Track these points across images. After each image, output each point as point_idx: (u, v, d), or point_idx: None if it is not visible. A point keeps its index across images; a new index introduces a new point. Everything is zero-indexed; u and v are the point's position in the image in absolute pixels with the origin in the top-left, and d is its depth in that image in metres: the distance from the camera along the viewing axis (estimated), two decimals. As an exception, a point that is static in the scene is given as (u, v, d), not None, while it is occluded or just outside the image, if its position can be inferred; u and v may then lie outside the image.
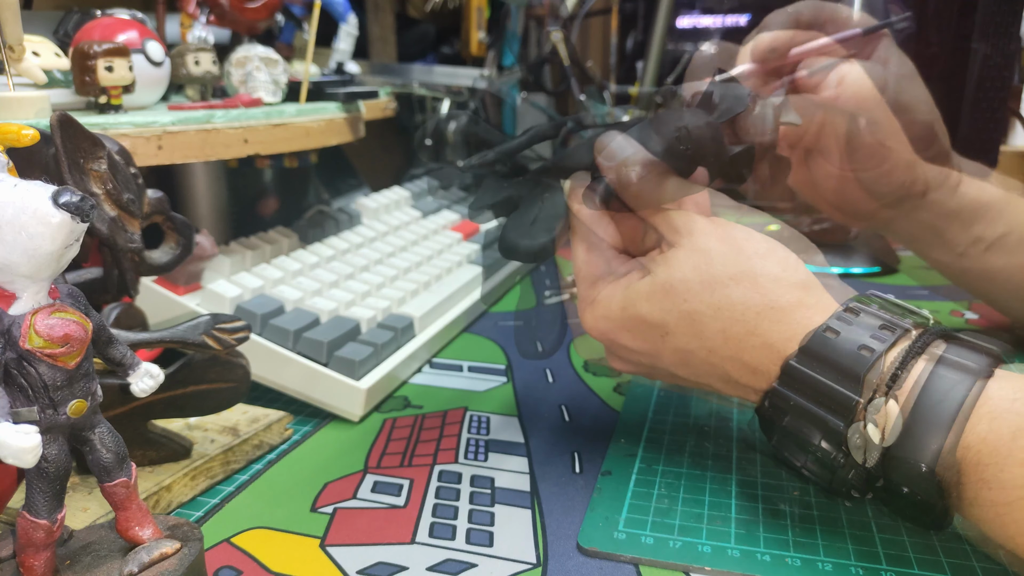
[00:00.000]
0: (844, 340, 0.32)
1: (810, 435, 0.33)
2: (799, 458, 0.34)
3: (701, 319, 0.36)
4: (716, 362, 0.36)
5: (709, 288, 0.36)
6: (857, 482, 0.32)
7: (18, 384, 0.25)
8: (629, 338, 0.38)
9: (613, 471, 0.40)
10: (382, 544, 0.35)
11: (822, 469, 0.33)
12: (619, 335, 0.39)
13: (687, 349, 0.37)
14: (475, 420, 0.47)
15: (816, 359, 0.32)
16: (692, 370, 0.38)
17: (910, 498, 0.30)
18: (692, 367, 0.37)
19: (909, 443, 0.30)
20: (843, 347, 0.32)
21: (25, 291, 0.25)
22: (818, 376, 0.32)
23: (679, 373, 0.38)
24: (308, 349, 0.48)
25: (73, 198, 0.24)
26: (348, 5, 0.71)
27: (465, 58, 1.13)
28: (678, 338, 0.37)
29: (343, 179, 0.85)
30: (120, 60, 0.46)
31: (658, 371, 0.39)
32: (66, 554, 0.29)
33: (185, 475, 0.39)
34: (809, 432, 0.33)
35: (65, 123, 0.34)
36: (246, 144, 0.52)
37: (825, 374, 0.32)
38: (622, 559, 0.34)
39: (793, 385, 0.33)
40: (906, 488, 0.30)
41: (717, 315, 0.35)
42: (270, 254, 0.59)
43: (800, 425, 0.33)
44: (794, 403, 0.33)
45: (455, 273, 0.67)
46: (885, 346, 0.32)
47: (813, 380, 0.32)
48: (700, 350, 0.36)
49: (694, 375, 0.38)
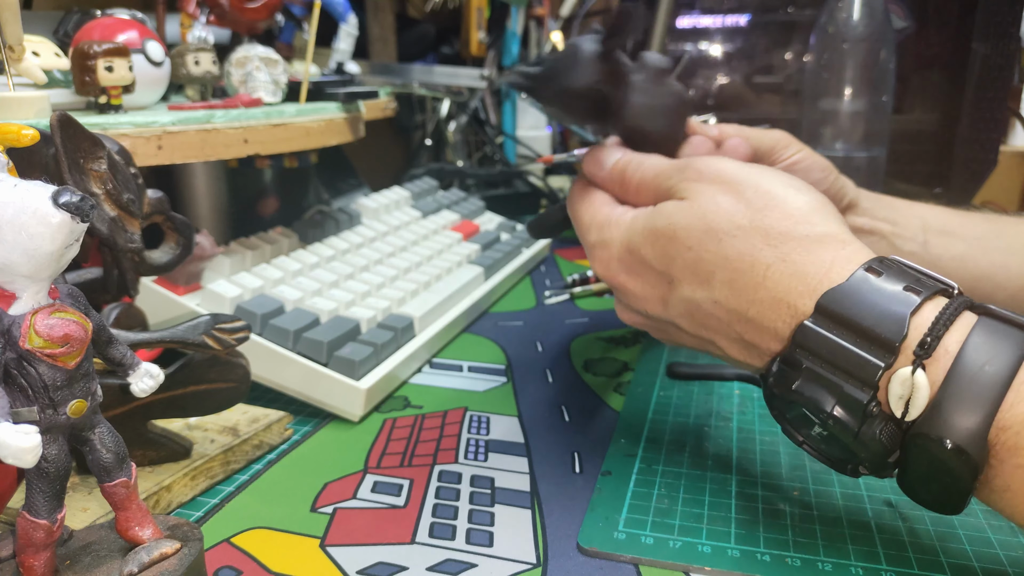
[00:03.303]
0: (865, 300, 0.30)
1: (823, 402, 0.30)
2: (804, 431, 0.32)
3: (707, 267, 0.34)
4: (722, 316, 0.34)
5: (715, 237, 0.33)
6: (870, 454, 0.30)
7: (18, 384, 0.25)
8: (637, 284, 0.37)
9: (613, 471, 0.40)
10: (382, 544, 0.35)
11: (829, 442, 0.31)
12: (626, 280, 0.37)
13: (693, 299, 0.35)
14: (475, 420, 0.47)
15: (834, 320, 0.30)
16: (699, 324, 0.35)
17: (926, 476, 0.28)
18: (698, 320, 0.35)
19: (936, 418, 0.27)
20: (865, 308, 0.29)
21: (25, 291, 0.25)
22: (836, 339, 0.30)
23: (685, 327, 0.36)
24: (308, 349, 0.48)
25: (73, 198, 0.24)
26: (348, 5, 0.71)
27: (465, 58, 1.13)
28: (684, 287, 0.35)
29: (343, 179, 0.85)
30: (120, 60, 0.46)
31: (665, 325, 0.38)
32: (66, 554, 0.29)
33: (185, 475, 0.39)
34: (822, 399, 0.30)
35: (65, 123, 0.34)
36: (246, 144, 0.52)
37: (844, 336, 0.30)
38: (622, 559, 0.34)
39: (807, 347, 0.30)
40: (926, 467, 0.28)
41: (724, 265, 0.33)
42: (270, 254, 0.59)
43: (813, 391, 0.30)
44: (807, 367, 0.30)
45: (455, 273, 0.67)
46: (911, 309, 0.29)
47: (831, 343, 0.30)
48: (706, 301, 0.34)
49: (701, 330, 0.36)
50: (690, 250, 0.34)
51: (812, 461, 0.41)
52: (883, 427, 0.29)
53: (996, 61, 0.73)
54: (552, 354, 0.58)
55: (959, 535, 0.35)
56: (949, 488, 0.28)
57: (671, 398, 0.49)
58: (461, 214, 0.81)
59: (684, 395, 0.50)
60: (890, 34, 0.66)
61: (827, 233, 0.33)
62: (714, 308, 0.34)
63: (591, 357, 0.57)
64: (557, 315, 0.66)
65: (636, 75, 0.40)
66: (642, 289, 0.37)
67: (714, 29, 0.83)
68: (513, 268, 0.74)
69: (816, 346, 0.30)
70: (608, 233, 0.38)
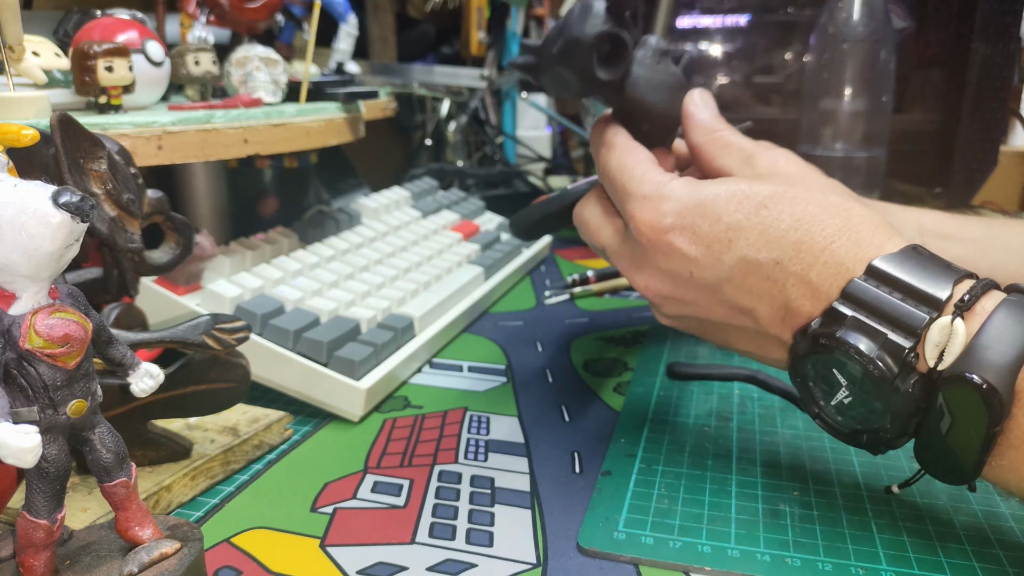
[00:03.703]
0: (914, 266, 0.32)
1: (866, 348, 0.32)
2: (825, 399, 0.35)
3: (779, 227, 0.35)
4: (779, 278, 0.35)
5: (793, 202, 0.35)
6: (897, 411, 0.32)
7: (18, 384, 0.25)
8: (691, 240, 0.37)
9: (613, 471, 0.40)
10: (382, 544, 0.35)
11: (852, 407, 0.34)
12: (677, 235, 0.37)
13: (753, 259, 0.35)
14: (475, 420, 0.47)
15: (883, 279, 0.32)
16: (746, 289, 0.36)
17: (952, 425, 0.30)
18: (748, 284, 0.36)
19: (969, 359, 0.30)
20: (914, 271, 0.32)
21: (25, 291, 0.25)
22: (885, 293, 0.32)
23: (727, 293, 0.36)
24: (308, 349, 0.48)
25: (73, 198, 0.24)
26: (348, 5, 0.71)
27: (465, 58, 1.13)
28: (747, 244, 0.35)
29: (343, 179, 0.85)
30: (120, 60, 0.46)
31: (699, 293, 0.38)
32: (66, 554, 0.29)
33: (185, 475, 0.39)
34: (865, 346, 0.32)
35: (65, 123, 0.34)
36: (246, 144, 0.52)
37: (892, 293, 0.32)
38: (622, 559, 0.34)
39: (855, 299, 0.33)
40: (954, 412, 0.30)
41: (797, 226, 0.35)
42: (270, 254, 0.59)
43: (857, 339, 0.32)
44: (851, 317, 0.32)
45: (455, 273, 0.67)
46: (954, 277, 0.32)
47: (880, 296, 0.32)
48: (768, 262, 0.35)
49: (744, 296, 0.36)
50: (765, 208, 0.35)
51: (812, 461, 0.41)
52: (916, 380, 0.31)
53: (996, 61, 0.73)
54: (552, 354, 0.58)
55: (959, 535, 0.35)
56: (971, 439, 0.30)
57: (671, 398, 0.49)
58: (461, 214, 0.81)
59: (684, 395, 0.50)
60: (890, 34, 0.66)
61: (885, 221, 0.36)
62: (774, 270, 0.35)
63: (591, 357, 0.57)
64: (557, 315, 0.66)
65: (639, 51, 0.41)
66: (694, 247, 0.37)
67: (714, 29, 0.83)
68: (513, 268, 0.74)
69: (866, 297, 0.32)
70: (669, 187, 0.38)
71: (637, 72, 0.40)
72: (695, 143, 0.41)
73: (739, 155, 0.40)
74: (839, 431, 0.35)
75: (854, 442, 0.34)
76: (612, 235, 0.41)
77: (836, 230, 0.34)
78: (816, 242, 0.34)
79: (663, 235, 0.37)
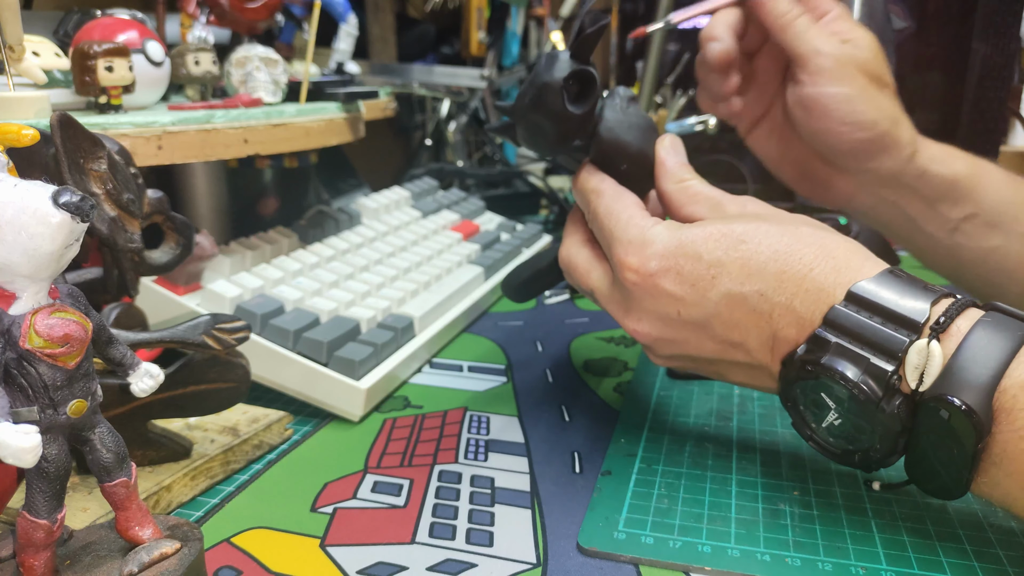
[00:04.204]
0: (892, 290, 0.33)
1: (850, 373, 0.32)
2: (816, 422, 0.35)
3: (758, 260, 0.36)
4: (765, 309, 0.35)
5: (768, 235, 0.36)
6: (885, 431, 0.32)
7: (18, 384, 0.25)
8: (676, 280, 0.37)
9: (613, 471, 0.40)
10: (382, 544, 0.35)
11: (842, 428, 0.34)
12: (667, 276, 0.37)
13: (737, 293, 0.36)
14: (475, 420, 0.47)
15: (862, 304, 0.33)
16: (732, 324, 0.36)
17: (935, 444, 0.31)
18: (735, 319, 0.36)
19: (947, 380, 0.30)
20: (891, 295, 0.33)
21: (25, 291, 0.25)
22: (865, 319, 0.33)
23: (716, 328, 0.37)
24: (308, 349, 0.48)
25: (73, 198, 0.24)
26: (348, 5, 0.71)
27: (465, 58, 1.13)
28: (730, 279, 0.36)
29: (343, 179, 0.85)
30: (120, 60, 0.46)
31: (690, 333, 0.38)
32: (66, 554, 0.29)
33: (185, 475, 0.39)
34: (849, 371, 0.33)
35: (65, 123, 0.34)
36: (246, 144, 0.52)
37: (872, 318, 0.33)
38: (622, 559, 0.34)
39: (838, 325, 0.33)
40: (935, 434, 0.31)
41: (776, 257, 0.35)
42: (270, 254, 0.59)
43: (842, 365, 0.33)
44: (835, 343, 0.33)
45: (455, 273, 0.67)
46: (931, 298, 0.33)
47: (860, 321, 0.33)
48: (752, 294, 0.36)
49: (733, 331, 0.37)
50: (744, 243, 0.36)
51: (812, 461, 0.41)
52: (901, 401, 0.32)
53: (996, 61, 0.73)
54: (552, 354, 0.58)
55: (959, 535, 0.35)
56: (955, 457, 0.31)
57: (671, 398, 0.49)
58: (461, 214, 0.81)
59: (684, 395, 0.50)
60: (890, 34, 0.66)
61: (858, 245, 0.37)
62: (759, 302, 0.36)
63: (591, 357, 0.57)
64: (557, 315, 0.66)
65: (609, 99, 0.42)
66: (680, 287, 0.37)
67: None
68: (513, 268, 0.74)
69: (847, 323, 0.33)
70: (653, 231, 0.38)
71: (610, 116, 0.41)
72: (664, 190, 0.42)
73: (707, 203, 0.40)
74: (832, 452, 0.35)
75: (847, 462, 0.35)
76: (600, 279, 0.41)
77: (814, 257, 0.35)
78: (797, 270, 0.35)
79: (648, 278, 0.38)
